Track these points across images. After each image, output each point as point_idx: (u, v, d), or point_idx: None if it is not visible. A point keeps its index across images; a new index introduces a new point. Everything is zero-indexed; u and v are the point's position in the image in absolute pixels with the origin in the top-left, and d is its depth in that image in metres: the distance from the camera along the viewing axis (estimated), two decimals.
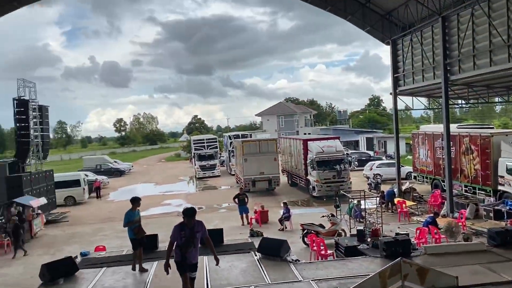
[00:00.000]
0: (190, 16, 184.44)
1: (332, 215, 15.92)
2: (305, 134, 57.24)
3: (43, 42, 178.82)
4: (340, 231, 14.92)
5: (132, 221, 9.56)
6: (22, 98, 22.61)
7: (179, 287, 8.37)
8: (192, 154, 43.09)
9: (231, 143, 38.88)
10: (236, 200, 19.40)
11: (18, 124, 22.73)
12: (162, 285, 8.62)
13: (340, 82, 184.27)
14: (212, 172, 39.19)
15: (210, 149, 40.46)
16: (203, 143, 41.08)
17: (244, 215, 19.03)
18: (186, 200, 27.58)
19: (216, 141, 42.15)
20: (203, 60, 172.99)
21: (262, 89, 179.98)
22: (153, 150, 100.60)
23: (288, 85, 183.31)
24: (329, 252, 12.42)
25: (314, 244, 12.92)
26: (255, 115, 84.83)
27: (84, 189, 29.06)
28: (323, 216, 16.21)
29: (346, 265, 9.50)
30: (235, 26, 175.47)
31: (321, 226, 15.11)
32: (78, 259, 10.73)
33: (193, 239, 7.33)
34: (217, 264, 7.67)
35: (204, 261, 9.64)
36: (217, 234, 11.81)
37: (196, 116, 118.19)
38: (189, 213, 7.40)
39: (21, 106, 22.50)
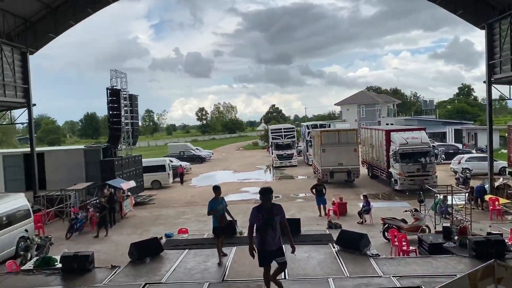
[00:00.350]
0: (271, 5, 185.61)
1: (416, 210, 15.17)
2: (387, 124, 55.00)
3: (133, 35, 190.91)
4: (424, 227, 14.17)
5: (215, 209, 9.60)
6: (114, 87, 24.30)
7: (258, 273, 8.52)
8: (270, 143, 43.46)
9: (309, 132, 38.58)
10: (314, 190, 19.23)
11: (110, 112, 24.49)
12: (241, 269, 8.79)
13: (426, 70, 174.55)
14: (289, 162, 39.23)
15: (287, 138, 40.49)
16: (281, 132, 41.21)
17: (321, 206, 18.82)
18: None
19: (293, 131, 42.07)
20: (282, 49, 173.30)
21: (342, 77, 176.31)
22: (231, 138, 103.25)
23: (370, 74, 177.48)
24: (411, 248, 11.88)
25: (396, 240, 12.44)
26: (334, 104, 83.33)
27: (169, 174, 30.68)
28: (406, 211, 15.51)
29: (430, 263, 8.99)
30: (315, 14, 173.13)
31: (404, 221, 14.47)
32: (163, 240, 11.31)
33: (271, 222, 7.07)
34: (292, 252, 7.39)
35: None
36: (294, 223, 11.77)
37: (273, 105, 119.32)
38: (265, 191, 7.21)
39: (114, 95, 24.19)
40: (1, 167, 24.69)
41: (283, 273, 8.38)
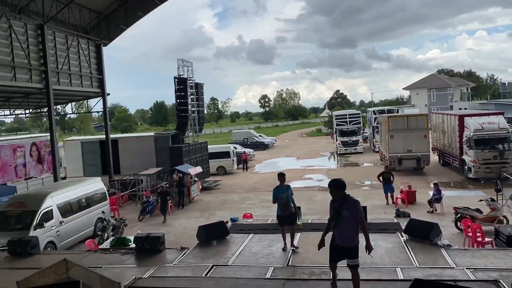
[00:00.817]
0: None
1: (492, 200, 14.20)
2: (460, 109, 51.95)
3: (198, 25, 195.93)
4: (501, 217, 13.25)
5: (279, 197, 9.35)
6: (181, 76, 25.07)
7: (323, 260, 8.47)
8: (334, 130, 42.73)
9: (375, 118, 37.41)
10: (381, 178, 18.67)
11: (178, 100, 25.35)
12: (305, 256, 8.80)
13: (505, 50, 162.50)
14: (355, 149, 38.34)
15: (352, 124, 39.56)
16: (346, 118, 40.32)
17: (389, 194, 18.26)
18: (327, 175, 27.58)
19: (359, 117, 40.99)
20: (347, 33, 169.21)
21: (411, 60, 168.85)
22: (294, 125, 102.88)
23: (441, 56, 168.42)
24: (487, 239, 11.18)
25: (469, 230, 11.77)
26: (403, 88, 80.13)
27: (233, 160, 31.29)
28: (481, 200, 14.58)
29: (509, 255, 8.41)
30: None
31: (478, 210, 13.63)
32: (229, 224, 11.60)
33: (338, 216, 6.61)
34: (368, 253, 6.74)
35: None
36: None
37: (338, 90, 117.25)
38: (333, 185, 6.83)
39: (181, 84, 24.98)
40: (80, 153, 26.58)
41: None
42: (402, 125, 26.07)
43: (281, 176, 9.63)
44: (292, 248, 9.15)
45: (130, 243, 10.65)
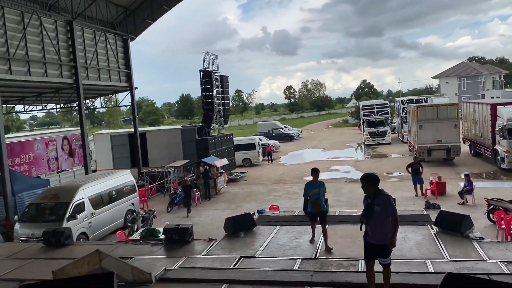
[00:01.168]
0: None
1: None
2: (492, 97, 50.23)
3: (222, 17, 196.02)
4: None
5: (309, 192, 9.13)
6: (207, 69, 25.20)
7: (350, 252, 8.42)
8: (361, 120, 42.16)
9: (403, 108, 36.68)
10: (410, 169, 18.34)
11: (203, 93, 25.49)
12: (333, 248, 8.75)
13: None
14: (382, 139, 37.74)
15: (380, 115, 38.90)
16: (373, 108, 39.67)
17: (418, 185, 17.92)
18: (354, 167, 27.32)
19: (387, 107, 40.26)
20: (373, 21, 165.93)
21: (440, 48, 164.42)
22: (320, 116, 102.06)
23: (472, 43, 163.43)
24: None
25: (503, 222, 11.45)
26: (432, 77, 77.92)
27: (259, 152, 31.34)
28: None
29: None
30: None
31: None
32: (255, 216, 11.65)
33: (368, 212, 6.34)
34: (390, 247, 6.41)
35: None
36: None
37: (364, 80, 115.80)
38: (366, 179, 6.50)
39: (206, 77, 25.10)
40: (109, 146, 27.19)
41: None
42: (432, 115, 25.47)
43: (314, 171, 9.32)
44: (327, 250, 8.71)
45: (159, 235, 10.85)
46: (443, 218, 9.48)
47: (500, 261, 7.43)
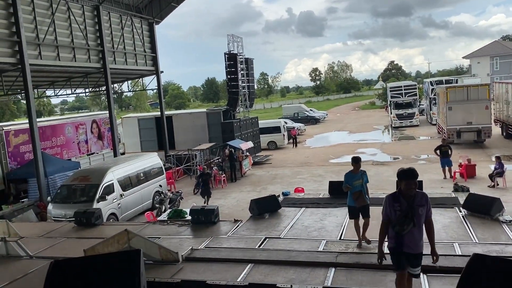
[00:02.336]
0: None
1: None
2: None
3: None
4: None
5: (351, 184, 8.06)
6: (231, 52, 25.13)
7: (377, 235, 8.38)
8: (388, 102, 41.37)
9: (432, 89, 35.76)
10: (438, 152, 17.96)
11: (228, 76, 25.51)
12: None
13: None
14: (410, 121, 37.02)
15: (408, 96, 38.07)
16: (401, 90, 38.83)
17: (446, 168, 17.56)
18: (381, 149, 26.95)
19: (415, 88, 39.33)
20: (401, 0, 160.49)
21: (471, 27, 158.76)
22: (346, 98, 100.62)
23: (506, 21, 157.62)
24: None
25: None
26: (463, 57, 75.42)
27: (284, 135, 31.30)
28: None
29: None
30: None
31: None
32: (280, 198, 11.72)
33: (413, 215, 5.24)
34: (434, 262, 5.56)
35: None
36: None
37: (392, 61, 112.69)
38: (408, 175, 5.24)
39: (231, 59, 25.07)
40: (137, 129, 27.68)
41: None
42: (462, 96, 24.74)
43: (356, 160, 8.29)
44: (363, 242, 7.95)
45: (186, 215, 11.05)
46: (472, 201, 9.29)
47: None
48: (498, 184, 15.53)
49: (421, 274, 6.11)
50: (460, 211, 9.36)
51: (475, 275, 3.92)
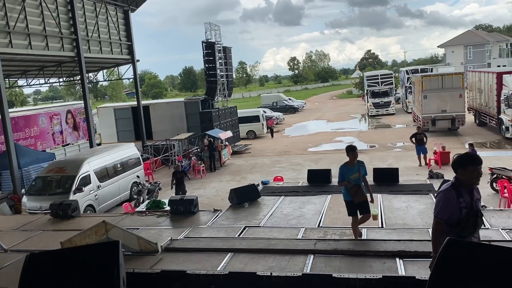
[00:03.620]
0: None
1: None
2: (498, 66, 49.57)
3: None
4: None
5: (347, 179, 7.34)
6: (209, 41, 24.88)
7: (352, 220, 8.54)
8: (365, 91, 41.85)
9: (408, 78, 36.33)
10: (413, 139, 18.32)
11: (206, 65, 25.27)
12: (336, 217, 8.86)
13: None
14: (386, 110, 37.57)
15: (384, 85, 38.58)
16: (377, 79, 39.32)
17: (421, 155, 17.94)
18: (358, 137, 27.31)
19: (391, 77, 39.86)
20: None
21: (446, 17, 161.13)
22: (324, 87, 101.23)
23: (479, 10, 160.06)
24: None
25: (506, 191, 11.50)
26: (437, 46, 76.64)
27: (263, 124, 31.37)
28: None
29: None
30: None
31: None
32: (260, 187, 11.75)
33: (478, 211, 4.43)
34: None
35: (379, 199, 9.55)
36: (392, 173, 11.48)
37: (369, 51, 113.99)
38: (474, 159, 4.45)
39: (209, 48, 24.82)
40: (113, 120, 27.23)
41: (380, 222, 8.28)
42: (437, 85, 25.24)
43: (352, 150, 7.43)
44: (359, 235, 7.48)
45: (164, 206, 10.99)
46: None
47: (502, 229, 7.51)
48: None
49: (397, 259, 6.28)
50: (435, 197, 9.58)
51: (449, 259, 4.03)
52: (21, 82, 26.21)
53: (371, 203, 7.49)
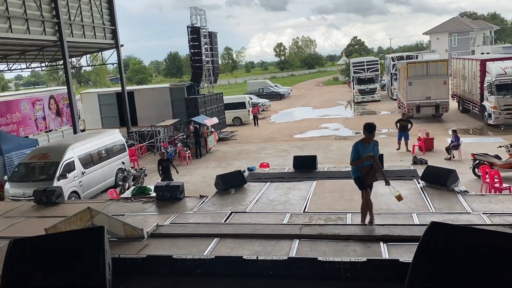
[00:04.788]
0: None
1: None
2: (482, 53, 50.10)
3: None
4: None
5: (361, 157, 6.97)
6: (194, 25, 24.57)
7: (338, 206, 8.63)
8: (351, 78, 42.02)
9: (394, 65, 36.53)
10: (398, 125, 18.54)
11: (192, 51, 24.99)
12: (322, 202, 8.95)
13: None
14: (372, 97, 37.81)
15: (370, 72, 38.78)
16: (363, 65, 39.48)
17: (403, 141, 18.16)
18: (344, 124, 27.47)
19: (377, 64, 40.08)
20: None
21: (431, 3, 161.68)
22: (311, 74, 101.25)
23: None
24: (504, 185, 11.16)
25: (487, 176, 11.73)
26: (423, 33, 77.13)
27: (249, 111, 31.30)
28: (500, 147, 14.43)
29: None
30: None
31: (497, 157, 13.50)
32: (246, 173, 11.76)
33: None
34: None
35: None
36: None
37: (355, 37, 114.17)
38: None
39: (194, 33, 24.52)
40: (97, 105, 26.84)
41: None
42: (422, 72, 25.46)
43: (370, 129, 6.94)
44: (371, 221, 7.28)
45: (150, 192, 10.93)
46: (430, 173, 9.66)
47: (483, 213, 7.66)
48: (454, 157, 16.23)
49: (381, 243, 6.37)
50: (419, 183, 9.73)
51: (432, 242, 4.11)
52: (1, 66, 25.57)
53: (388, 186, 7.29)
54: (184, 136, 22.08)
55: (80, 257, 4.70)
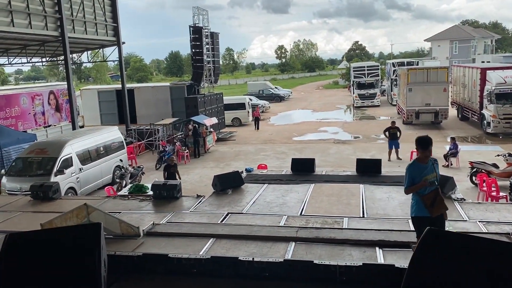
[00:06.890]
0: None
1: (510, 155, 14.04)
2: (483, 62, 50.25)
3: None
4: None
5: (420, 181, 5.43)
6: (196, 25, 24.58)
7: (335, 210, 8.63)
8: (351, 82, 42.07)
9: (394, 71, 36.60)
10: (387, 133, 18.38)
11: (193, 50, 24.99)
12: (318, 206, 8.94)
13: None
14: (371, 102, 37.85)
15: (370, 77, 38.82)
16: (364, 70, 39.52)
17: (394, 149, 17.98)
18: (343, 128, 27.51)
19: (377, 69, 40.13)
20: None
21: (433, 10, 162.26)
22: (311, 77, 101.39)
23: (466, 5, 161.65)
24: (501, 194, 11.18)
25: (484, 184, 11.75)
26: (424, 40, 77.37)
27: (248, 112, 31.29)
28: (498, 155, 14.47)
29: None
30: None
31: (495, 165, 13.54)
32: (244, 174, 11.73)
33: None
34: None
35: (361, 189, 9.65)
36: (375, 164, 11.59)
37: (356, 42, 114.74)
38: None
39: (196, 33, 24.53)
40: (97, 102, 26.82)
41: (361, 211, 8.40)
42: (422, 78, 25.50)
43: (424, 143, 5.49)
44: None
45: (147, 190, 10.92)
46: None
47: (479, 221, 7.67)
48: (452, 164, 16.25)
49: (377, 248, 6.38)
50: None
51: (428, 249, 4.12)
52: (2, 60, 25.55)
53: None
54: (183, 135, 22.07)
55: (76, 253, 4.69)
